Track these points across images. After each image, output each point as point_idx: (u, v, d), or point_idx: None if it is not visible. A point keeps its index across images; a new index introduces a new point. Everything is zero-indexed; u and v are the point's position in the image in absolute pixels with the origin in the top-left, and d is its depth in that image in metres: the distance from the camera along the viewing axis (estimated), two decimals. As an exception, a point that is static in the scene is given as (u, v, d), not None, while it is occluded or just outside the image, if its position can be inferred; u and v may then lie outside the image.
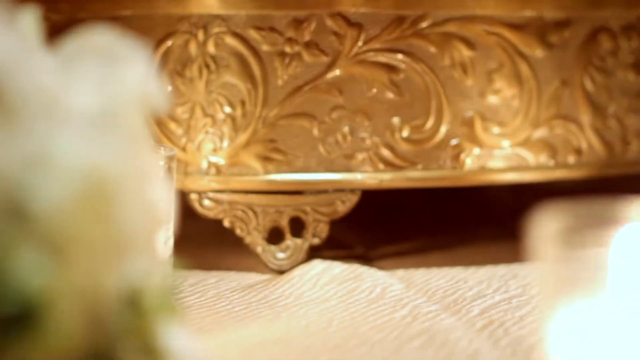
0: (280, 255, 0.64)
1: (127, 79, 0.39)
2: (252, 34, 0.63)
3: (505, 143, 0.65)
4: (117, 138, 0.38)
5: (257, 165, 0.63)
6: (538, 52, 0.66)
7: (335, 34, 0.63)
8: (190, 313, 0.56)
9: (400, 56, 0.64)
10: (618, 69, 0.69)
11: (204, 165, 0.64)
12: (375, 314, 0.55)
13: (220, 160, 0.63)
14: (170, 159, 0.56)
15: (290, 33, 0.63)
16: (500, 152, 0.65)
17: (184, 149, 0.64)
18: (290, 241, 0.64)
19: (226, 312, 0.56)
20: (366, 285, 0.60)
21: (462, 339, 0.51)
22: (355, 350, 0.50)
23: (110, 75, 0.39)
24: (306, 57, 0.63)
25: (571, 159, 0.67)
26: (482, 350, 0.49)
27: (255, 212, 0.64)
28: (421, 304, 0.57)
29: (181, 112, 0.64)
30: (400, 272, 0.63)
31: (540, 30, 0.66)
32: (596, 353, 0.37)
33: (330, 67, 0.63)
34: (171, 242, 0.56)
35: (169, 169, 0.56)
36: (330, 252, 0.68)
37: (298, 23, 0.63)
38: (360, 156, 0.63)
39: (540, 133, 0.66)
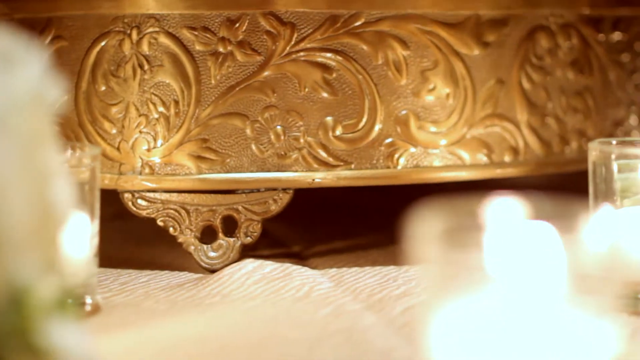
0: (212, 254, 0.64)
1: (20, 81, 0.39)
2: (186, 34, 0.63)
3: (441, 142, 0.65)
4: (5, 141, 0.38)
5: (190, 164, 0.63)
6: (473, 51, 0.66)
7: (268, 33, 0.63)
8: (115, 311, 0.56)
9: (333, 55, 0.64)
10: (557, 68, 0.70)
11: (138, 164, 0.64)
12: (298, 313, 0.55)
13: (153, 159, 0.64)
14: (94, 157, 0.56)
15: (223, 33, 0.63)
16: (436, 150, 0.65)
17: (118, 149, 0.64)
18: (222, 240, 0.64)
19: (151, 311, 0.56)
20: (294, 284, 0.60)
21: (378, 336, 0.51)
22: (272, 349, 0.50)
23: (2, 79, 0.39)
24: (239, 56, 0.63)
25: (507, 157, 0.67)
26: (397, 348, 0.49)
27: (188, 211, 0.64)
28: (346, 303, 0.57)
29: (115, 111, 0.64)
30: (333, 271, 0.63)
31: (476, 29, 0.66)
32: (480, 351, 0.38)
33: (263, 66, 0.63)
34: (96, 240, 0.56)
35: (93, 168, 0.56)
36: (268, 251, 0.68)
37: (231, 23, 0.63)
38: (293, 155, 0.63)
39: (476, 131, 0.66)
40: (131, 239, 0.73)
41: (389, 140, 0.65)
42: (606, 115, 0.72)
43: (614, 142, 0.59)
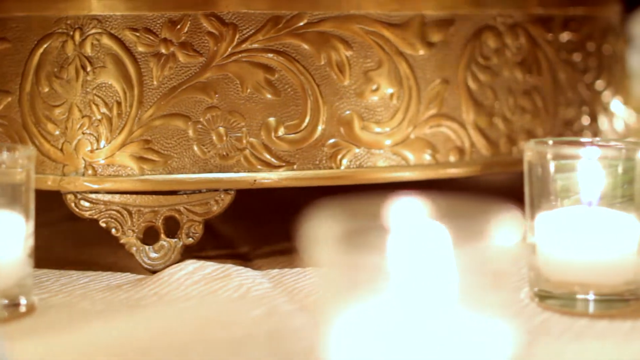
0: (154, 255, 0.64)
1: None
2: (128, 35, 0.64)
3: (385, 142, 0.65)
4: None
5: (133, 165, 0.63)
6: (418, 51, 0.66)
7: (210, 34, 0.63)
8: (49, 312, 0.56)
9: (275, 56, 0.64)
10: (504, 68, 0.69)
11: (81, 166, 0.64)
12: (230, 313, 0.55)
13: (96, 160, 0.64)
14: (29, 158, 0.56)
15: (165, 34, 0.63)
16: (380, 151, 0.65)
17: (61, 150, 0.64)
18: (164, 241, 0.64)
19: (85, 312, 0.56)
20: (233, 284, 0.60)
21: (306, 338, 0.51)
22: (197, 350, 0.50)
23: None
24: (181, 57, 0.63)
25: (453, 157, 0.67)
26: (321, 348, 0.49)
27: (130, 213, 0.64)
28: (280, 304, 0.57)
29: (58, 113, 0.64)
30: (274, 272, 0.63)
31: (421, 29, 0.66)
32: (381, 351, 0.38)
33: (205, 67, 0.63)
34: (31, 241, 0.56)
35: (28, 169, 0.56)
36: (215, 252, 0.68)
37: (173, 24, 0.63)
38: (235, 156, 0.63)
39: (421, 132, 0.66)
40: (79, 240, 0.73)
41: (332, 140, 0.65)
42: (556, 115, 0.72)
43: (550, 142, 0.59)
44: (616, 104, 0.79)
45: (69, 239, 0.74)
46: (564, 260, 0.56)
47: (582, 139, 0.59)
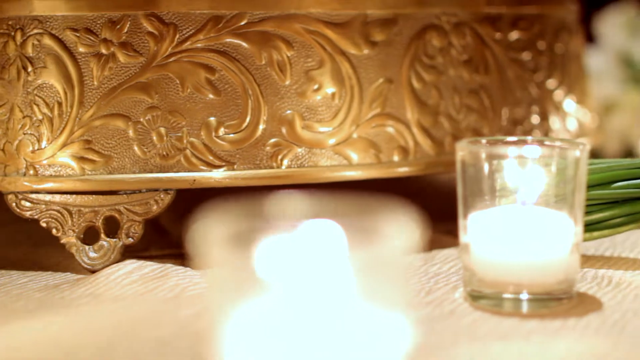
0: (93, 254, 0.64)
1: None
2: (69, 35, 0.64)
3: (327, 142, 0.65)
4: None
5: (73, 165, 0.63)
6: (360, 50, 0.66)
7: (150, 34, 0.63)
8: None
9: (216, 56, 0.64)
10: (450, 67, 0.69)
11: (22, 166, 0.64)
12: (161, 313, 0.55)
13: (37, 161, 0.64)
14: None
15: (106, 34, 0.63)
16: (322, 151, 0.65)
17: (3, 150, 0.64)
18: (104, 241, 0.64)
19: (17, 312, 0.56)
20: (169, 284, 0.60)
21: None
22: (120, 350, 0.50)
23: None
24: (121, 58, 0.63)
25: (397, 157, 0.67)
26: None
27: (70, 213, 0.64)
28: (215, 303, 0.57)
29: (0, 113, 0.64)
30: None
31: (363, 29, 0.66)
32: (273, 350, 0.38)
33: (145, 67, 0.63)
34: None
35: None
36: (160, 251, 0.68)
37: (113, 24, 0.63)
38: (175, 156, 0.63)
39: (363, 131, 0.66)
40: (26, 240, 0.73)
41: (273, 140, 0.65)
42: (504, 114, 0.72)
43: (484, 141, 0.59)
44: (569, 103, 0.79)
45: (16, 239, 0.74)
46: (497, 260, 0.56)
47: (515, 138, 0.59)
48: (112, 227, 0.64)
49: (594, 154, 0.84)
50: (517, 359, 0.49)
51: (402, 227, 0.37)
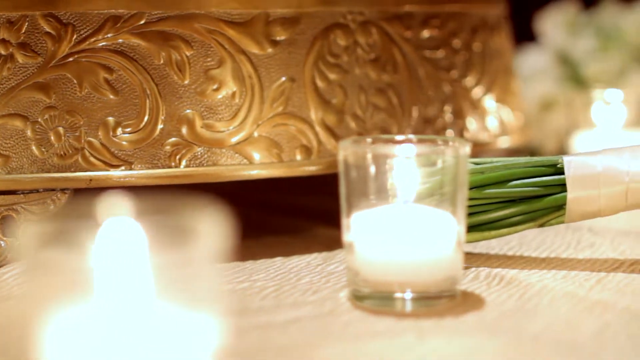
0: (-10, 255, 0.64)
1: None
2: (-33, 36, 0.64)
3: (227, 141, 0.65)
4: None
5: (-28, 165, 0.64)
6: (262, 49, 0.66)
7: (48, 34, 0.63)
8: None
9: (113, 56, 0.64)
10: (355, 66, 0.69)
11: None
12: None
13: (-63, 161, 0.64)
14: None
15: (4, 34, 0.64)
16: (222, 150, 0.65)
17: None
18: (1, 241, 0.64)
19: None
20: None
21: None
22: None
23: None
24: (19, 58, 0.63)
25: (299, 156, 0.67)
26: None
27: (-32, 213, 0.64)
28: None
29: None
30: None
31: (265, 28, 0.66)
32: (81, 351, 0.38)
33: (43, 67, 0.63)
34: None
35: None
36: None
37: (11, 24, 0.64)
38: (73, 156, 0.63)
39: (265, 130, 0.66)
40: None
41: (172, 140, 0.65)
42: (415, 112, 0.72)
43: (369, 140, 0.58)
44: (489, 102, 0.79)
45: None
46: (380, 260, 0.56)
47: (401, 137, 0.59)
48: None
49: (518, 152, 0.84)
50: (381, 357, 0.49)
51: (213, 228, 0.37)
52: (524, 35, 1.07)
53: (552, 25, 1.04)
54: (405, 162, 0.56)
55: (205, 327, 0.38)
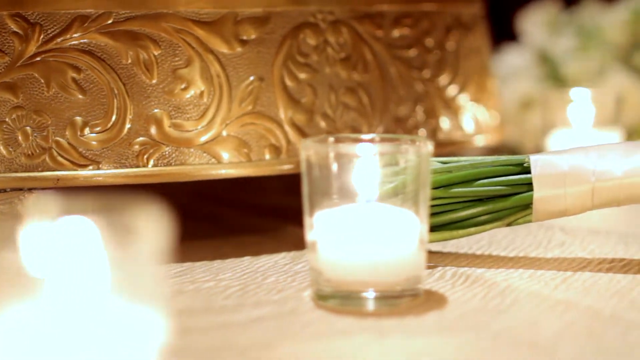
0: (-43, 254, 0.64)
1: None
2: None
3: (195, 140, 0.65)
4: None
5: (-60, 165, 0.64)
6: (230, 49, 0.66)
7: (15, 34, 0.64)
8: None
9: (81, 55, 0.64)
10: (325, 65, 0.69)
11: None
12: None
13: None
14: None
15: (-29, 34, 0.64)
16: (190, 149, 0.65)
17: None
18: (-32, 241, 0.64)
19: None
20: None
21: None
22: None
23: None
24: (-13, 57, 0.64)
25: (268, 155, 0.67)
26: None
27: None
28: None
29: None
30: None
31: (233, 27, 0.66)
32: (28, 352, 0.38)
33: (10, 67, 0.63)
34: None
35: None
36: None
37: (-22, 24, 0.64)
38: (40, 155, 0.64)
39: (233, 130, 0.66)
40: None
41: (140, 139, 0.65)
42: (385, 111, 0.72)
43: (332, 139, 0.58)
44: (464, 101, 0.78)
45: None
46: (343, 259, 0.56)
47: (367, 136, 0.59)
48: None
49: (495, 151, 0.84)
50: (339, 356, 0.49)
51: (154, 227, 0.37)
52: (505, 34, 1.07)
53: (533, 24, 1.04)
54: (367, 161, 0.56)
55: (152, 327, 0.38)
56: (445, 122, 0.76)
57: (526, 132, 0.99)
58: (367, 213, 0.56)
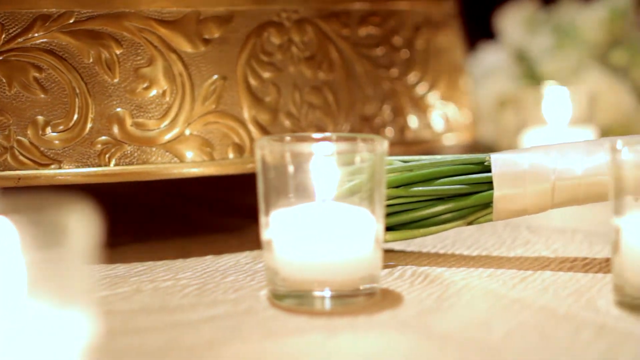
0: None
1: None
2: None
3: (157, 139, 0.65)
4: None
5: None
6: (193, 48, 0.66)
7: (-23, 33, 0.64)
8: None
9: (43, 54, 0.64)
10: (290, 64, 0.69)
11: None
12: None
13: None
14: None
15: None
16: (152, 148, 0.65)
17: None
18: None
19: None
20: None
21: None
22: None
23: None
24: (-52, 56, 0.64)
25: (231, 154, 0.67)
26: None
27: None
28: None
29: None
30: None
31: (196, 26, 0.66)
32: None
33: (-29, 66, 0.64)
34: None
35: None
36: None
37: (-60, 23, 0.64)
38: (2, 155, 0.64)
39: (196, 129, 0.66)
40: None
41: (102, 138, 0.65)
42: (352, 110, 0.72)
43: (288, 138, 0.58)
44: (433, 99, 0.78)
45: None
46: (299, 258, 0.56)
47: (320, 135, 0.59)
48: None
49: (469, 149, 0.84)
50: (288, 355, 0.49)
51: (81, 226, 0.37)
52: (483, 33, 1.07)
53: (510, 22, 1.04)
54: (323, 160, 0.56)
55: (78, 326, 0.38)
56: (413, 121, 0.76)
57: (502, 131, 0.99)
58: (322, 212, 0.56)
